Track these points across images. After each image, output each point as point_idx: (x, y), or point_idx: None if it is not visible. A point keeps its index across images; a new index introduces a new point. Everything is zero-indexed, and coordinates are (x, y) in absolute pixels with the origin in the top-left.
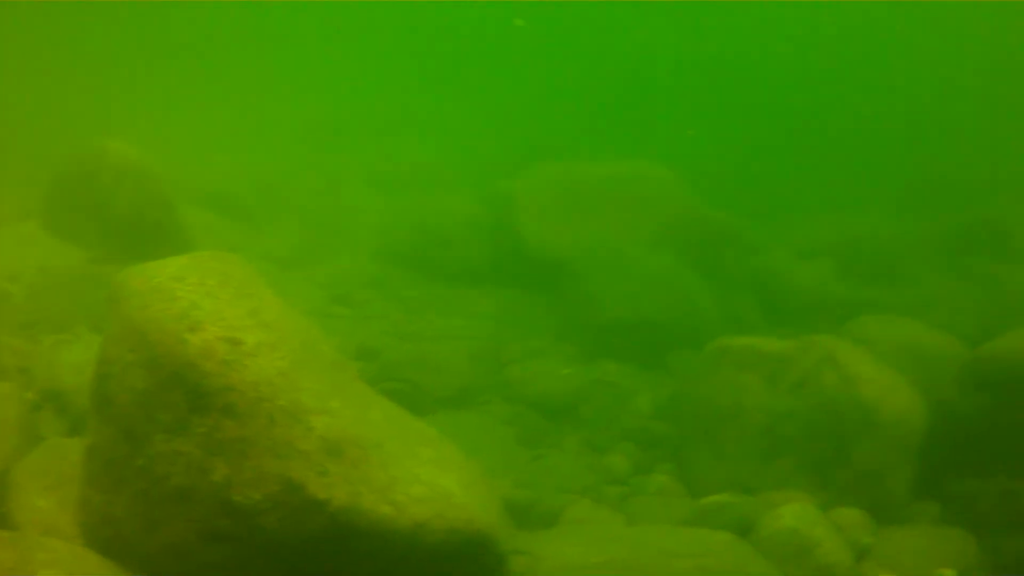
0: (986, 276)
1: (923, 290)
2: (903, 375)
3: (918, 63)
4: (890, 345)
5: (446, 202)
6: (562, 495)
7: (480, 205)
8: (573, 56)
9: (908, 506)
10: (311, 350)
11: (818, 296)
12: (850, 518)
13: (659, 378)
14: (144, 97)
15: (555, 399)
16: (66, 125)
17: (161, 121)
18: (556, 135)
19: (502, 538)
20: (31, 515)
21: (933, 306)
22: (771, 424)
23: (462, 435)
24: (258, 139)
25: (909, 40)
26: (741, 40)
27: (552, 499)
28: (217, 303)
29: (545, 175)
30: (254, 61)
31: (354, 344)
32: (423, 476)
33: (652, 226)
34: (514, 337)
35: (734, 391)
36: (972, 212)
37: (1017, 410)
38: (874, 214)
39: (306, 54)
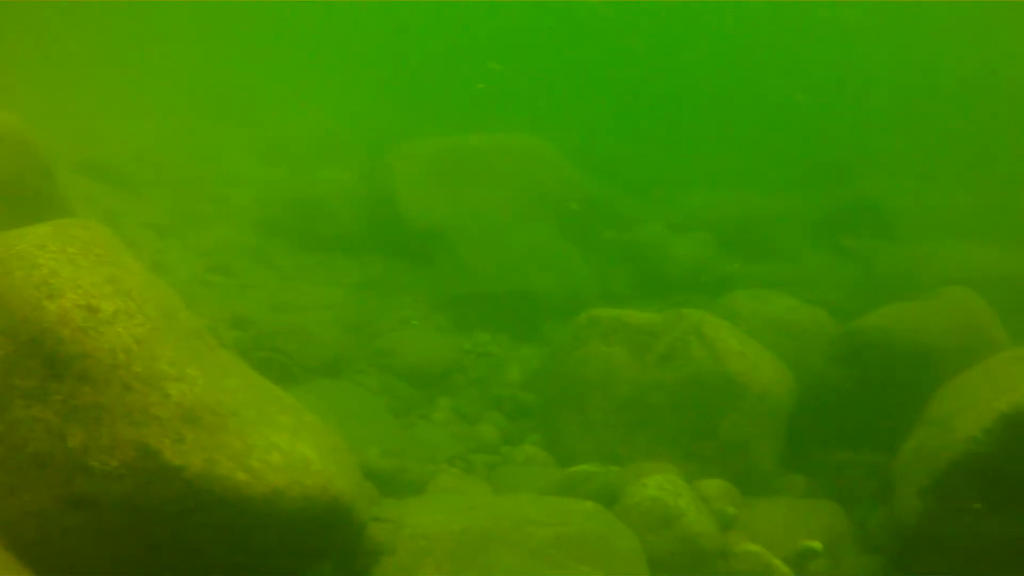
0: (863, 254)
1: (801, 266)
2: (772, 349)
3: (803, 47)
4: (762, 319)
5: (326, 174)
6: (430, 464)
7: (359, 177)
8: (454, 32)
9: (775, 478)
10: (170, 318)
11: (695, 270)
12: (716, 489)
13: (533, 349)
14: (24, 66)
15: (427, 369)
16: None
17: (42, 90)
18: (437, 110)
19: (360, 506)
20: None
21: (810, 282)
22: (638, 395)
23: (333, 405)
24: (142, 109)
25: (794, 24)
26: (627, 16)
27: (419, 468)
28: (77, 270)
29: (424, 147)
30: (139, 30)
31: (229, 313)
32: (280, 443)
33: (529, 198)
34: (388, 307)
35: (602, 362)
36: (851, 191)
37: (881, 384)
38: (754, 191)
39: (192, 25)
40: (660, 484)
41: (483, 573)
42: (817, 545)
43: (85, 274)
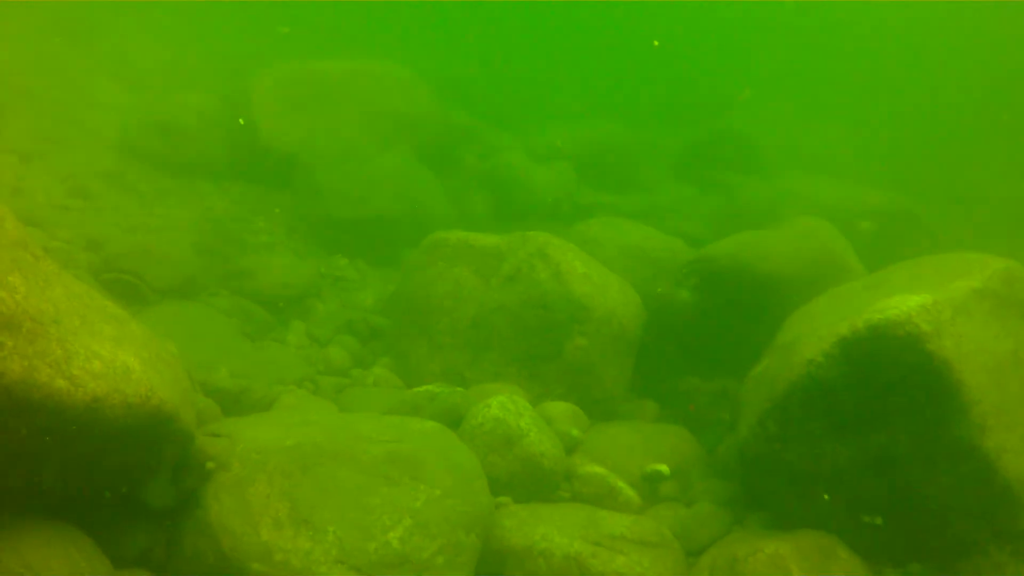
0: (725, 185)
1: (661, 197)
2: (626, 276)
3: None
4: (616, 247)
5: (186, 97)
6: (277, 385)
7: (220, 101)
8: None
9: (624, 403)
10: None
11: (555, 199)
12: (560, 411)
13: (389, 274)
14: None
15: (282, 293)
16: None
17: None
18: (297, 36)
19: (187, 417)
20: None
21: (670, 213)
22: (484, 317)
23: (183, 327)
24: (2, 30)
25: None
26: None
27: (265, 388)
28: None
29: (282, 72)
30: None
31: (83, 236)
32: (102, 352)
33: (388, 124)
34: (245, 230)
35: (449, 284)
36: (716, 124)
37: (731, 311)
38: (617, 123)
39: None
40: (503, 404)
41: (314, 487)
42: (664, 468)
43: None
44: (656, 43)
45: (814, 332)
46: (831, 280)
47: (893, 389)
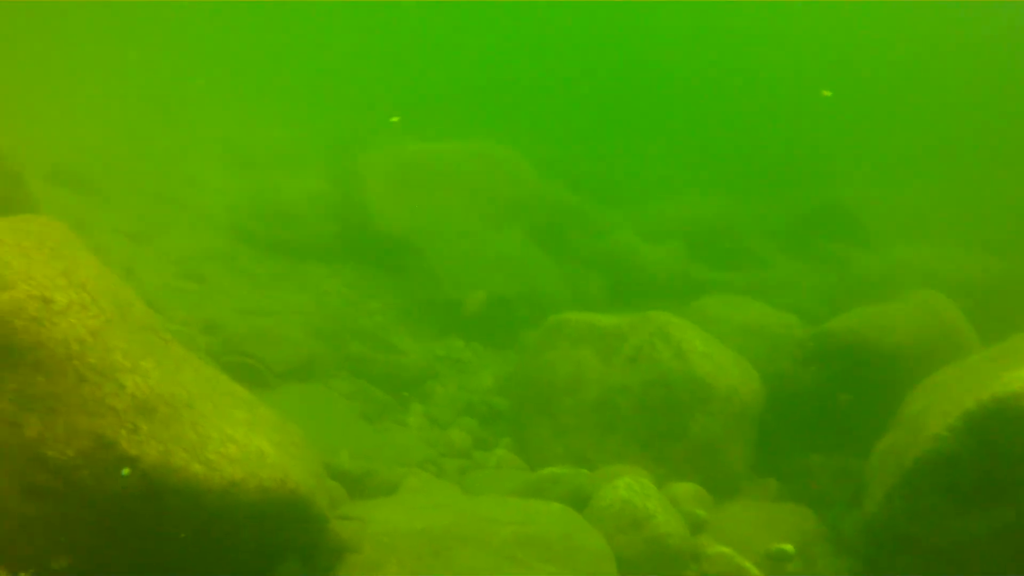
0: (835, 258)
1: (773, 273)
2: (743, 353)
3: (767, 54)
4: (732, 324)
5: (294, 180)
6: (400, 467)
7: (328, 183)
8: (424, 38)
9: (747, 481)
10: (124, 311)
11: (667, 276)
12: (686, 492)
13: (505, 355)
14: None
15: (400, 375)
16: None
17: (6, 96)
18: (403, 116)
19: (320, 500)
20: None
21: (781, 287)
22: (606, 398)
23: (304, 409)
24: (107, 116)
25: (754, 30)
26: (591, 27)
27: (389, 471)
28: (30, 263)
29: (392, 153)
30: (103, 36)
31: (201, 319)
32: (236, 436)
33: (499, 205)
34: (360, 313)
35: (571, 365)
36: (822, 196)
37: (852, 386)
38: (721, 197)
39: (155, 30)
40: (630, 486)
41: (445, 570)
42: (789, 547)
43: (38, 266)
44: (827, 94)
45: (939, 406)
46: (949, 352)
47: (1021, 462)
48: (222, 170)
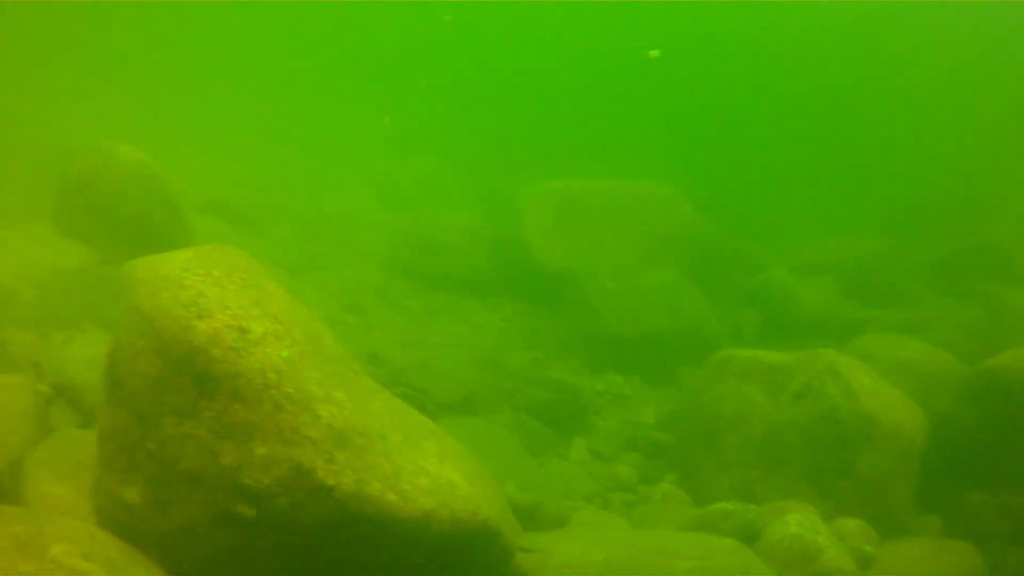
0: (986, 297)
1: (923, 310)
2: (902, 389)
3: (921, 89)
4: (891, 362)
5: (449, 214)
6: (567, 500)
7: (482, 218)
8: (570, 71)
9: (911, 518)
10: (315, 342)
11: (820, 314)
12: (853, 528)
13: (664, 391)
14: (144, 104)
15: (561, 410)
16: (71, 128)
17: (161, 127)
18: (552, 149)
19: (508, 532)
20: (46, 501)
21: (933, 326)
22: (774, 434)
23: (467, 440)
24: (257, 148)
25: (911, 63)
26: (740, 73)
27: (557, 504)
28: (224, 292)
29: (551, 190)
30: (252, 68)
31: (364, 351)
32: (428, 467)
33: (655, 241)
34: (519, 346)
35: (738, 401)
36: (972, 235)
37: (1017, 424)
38: (873, 235)
39: (304, 66)
40: (800, 522)
41: None
42: None
43: (232, 296)
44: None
45: None
46: None
47: None
48: (373, 203)
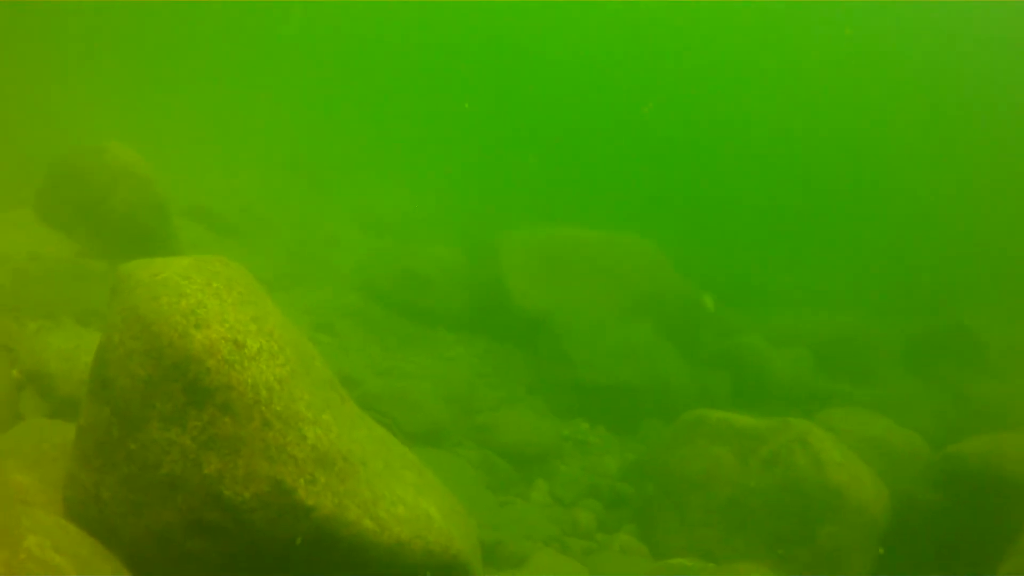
0: (951, 382)
1: (891, 389)
2: (869, 466)
3: (899, 167)
4: (857, 437)
5: (430, 248)
6: (527, 541)
7: (460, 253)
8: (559, 119)
9: None
10: (307, 364)
11: (791, 383)
12: None
13: (628, 442)
14: (136, 103)
15: (525, 450)
16: (64, 121)
17: (151, 128)
18: (533, 195)
19: (477, 568)
20: (12, 489)
21: (900, 405)
22: (738, 497)
23: (433, 473)
24: (246, 161)
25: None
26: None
27: (518, 543)
28: (223, 305)
29: (533, 235)
30: (245, 72)
31: (336, 373)
32: (406, 497)
33: (633, 295)
34: (489, 384)
35: (706, 461)
36: (943, 317)
37: (978, 510)
38: (848, 312)
39: (296, 82)
40: None
41: None
42: None
43: (230, 309)
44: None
45: None
46: None
47: None
48: (355, 230)
